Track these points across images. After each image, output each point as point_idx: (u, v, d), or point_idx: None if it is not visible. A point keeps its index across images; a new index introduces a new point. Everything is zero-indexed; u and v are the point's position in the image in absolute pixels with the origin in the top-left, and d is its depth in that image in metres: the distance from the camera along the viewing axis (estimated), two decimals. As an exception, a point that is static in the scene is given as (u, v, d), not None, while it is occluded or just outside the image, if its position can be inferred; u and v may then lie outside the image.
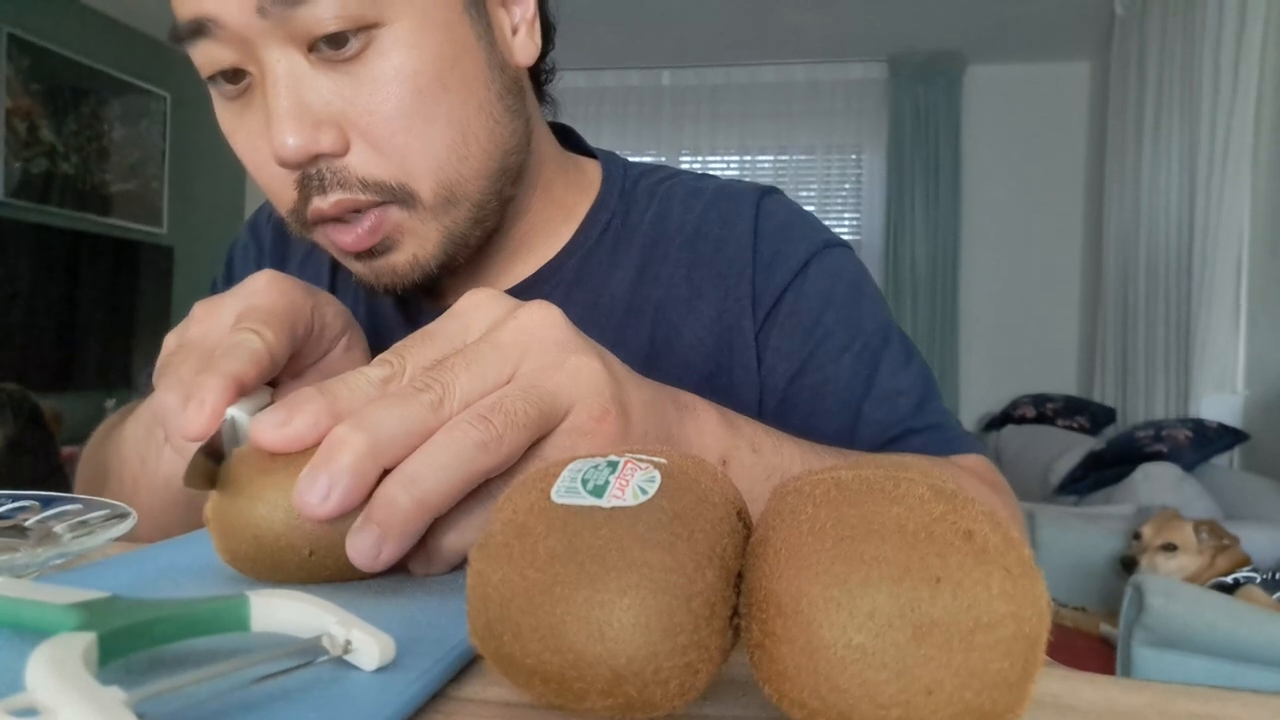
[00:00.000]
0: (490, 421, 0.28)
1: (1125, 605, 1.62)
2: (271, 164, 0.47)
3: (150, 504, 0.47)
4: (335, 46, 0.45)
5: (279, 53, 0.45)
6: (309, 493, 0.27)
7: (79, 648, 0.19)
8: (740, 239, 0.59)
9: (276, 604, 0.23)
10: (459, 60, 0.48)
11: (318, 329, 0.41)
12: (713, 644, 0.21)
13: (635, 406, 0.33)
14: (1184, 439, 2.68)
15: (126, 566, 0.32)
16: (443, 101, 0.48)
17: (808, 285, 0.58)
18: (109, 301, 4.02)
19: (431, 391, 0.29)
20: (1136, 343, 3.49)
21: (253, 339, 0.35)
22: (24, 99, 3.58)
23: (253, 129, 0.48)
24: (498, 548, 0.22)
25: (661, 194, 0.62)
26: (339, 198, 0.47)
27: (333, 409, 0.29)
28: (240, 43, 0.45)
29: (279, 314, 0.37)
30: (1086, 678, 0.25)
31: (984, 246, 4.47)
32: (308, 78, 0.46)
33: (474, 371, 0.30)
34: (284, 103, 0.45)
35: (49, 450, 2.27)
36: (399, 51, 0.46)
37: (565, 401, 0.31)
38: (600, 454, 0.29)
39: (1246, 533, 2.01)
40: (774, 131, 4.63)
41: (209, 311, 0.39)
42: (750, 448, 0.38)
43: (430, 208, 0.49)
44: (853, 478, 0.22)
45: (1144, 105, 3.42)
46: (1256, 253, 2.82)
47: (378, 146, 0.47)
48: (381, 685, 0.21)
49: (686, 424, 0.36)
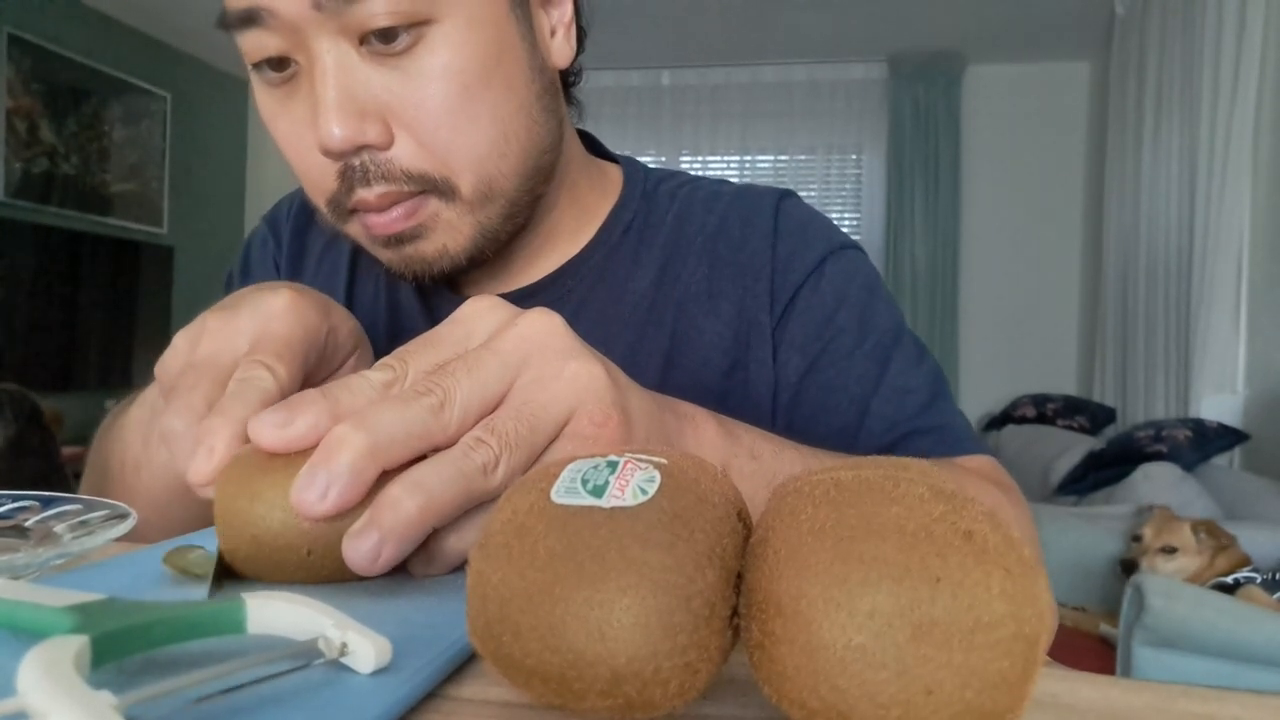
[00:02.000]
0: (487, 444, 0.29)
1: (1125, 605, 1.62)
2: (313, 152, 0.48)
3: (151, 487, 0.47)
4: (386, 41, 0.46)
5: (329, 44, 0.46)
6: (307, 490, 0.27)
7: (71, 651, 0.19)
8: (760, 239, 0.60)
9: (273, 606, 0.23)
10: (503, 60, 0.49)
11: (330, 351, 0.41)
12: (712, 644, 0.21)
13: (637, 413, 0.33)
14: (1184, 439, 2.68)
15: (127, 567, 0.32)
16: (486, 99, 0.49)
17: (823, 283, 0.59)
18: (109, 301, 4.02)
19: (433, 395, 0.29)
20: (1136, 343, 3.49)
21: (265, 379, 0.35)
22: (24, 99, 3.58)
23: (296, 117, 0.49)
24: (497, 548, 0.22)
25: (682, 197, 0.64)
26: (384, 190, 0.48)
27: (334, 411, 0.29)
28: (292, 32, 0.46)
29: (294, 345, 0.37)
30: (1086, 678, 0.25)
31: (984, 246, 4.47)
32: (357, 70, 0.47)
33: (475, 378, 0.30)
34: (332, 93, 0.46)
35: (49, 450, 2.27)
36: (448, 48, 0.47)
37: (565, 409, 0.31)
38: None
39: (1246, 533, 2.01)
40: (774, 131, 4.63)
41: (222, 327, 0.38)
42: (750, 455, 0.38)
43: (468, 201, 0.50)
44: (852, 478, 0.22)
45: (1144, 105, 3.42)
46: (1256, 253, 2.82)
47: (422, 140, 0.48)
48: (376, 688, 0.21)
49: (686, 432, 0.36)
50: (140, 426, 0.49)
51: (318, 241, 0.67)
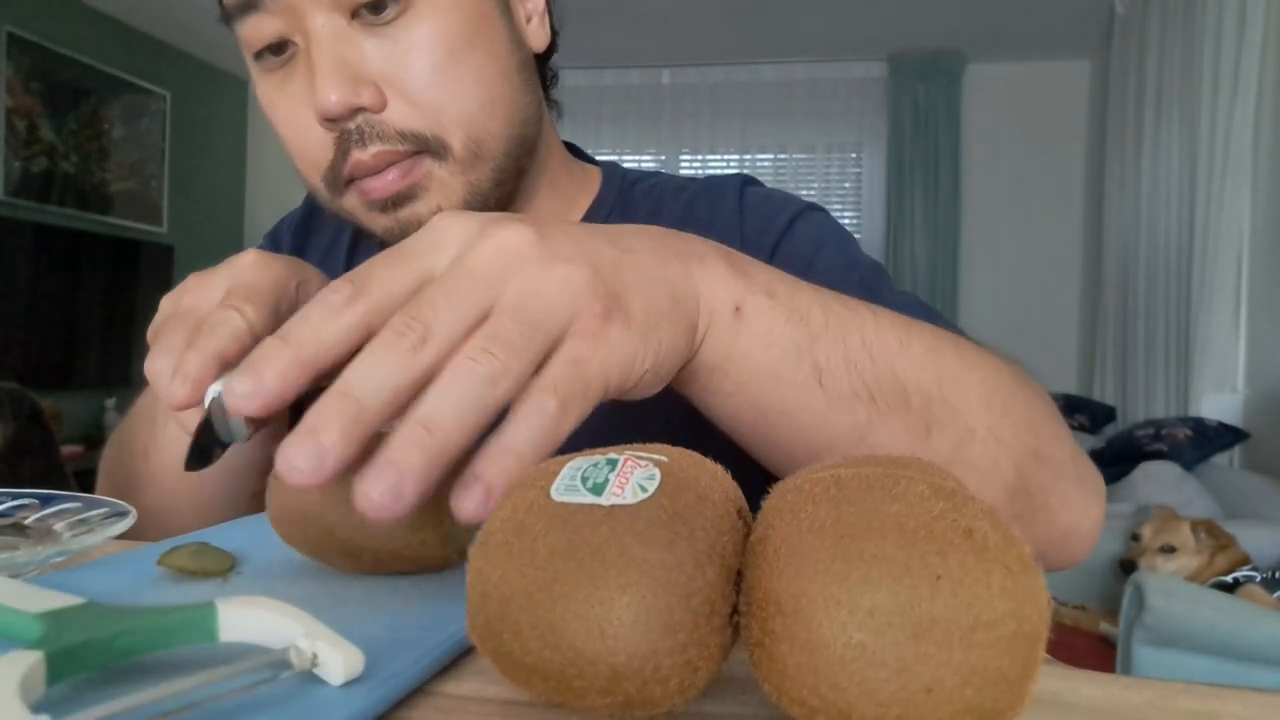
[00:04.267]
0: (492, 354, 0.27)
1: (1125, 604, 1.62)
2: (312, 126, 0.52)
3: (160, 468, 0.50)
4: (375, 12, 0.50)
5: (324, 18, 0.50)
6: (298, 458, 0.25)
7: (20, 671, 0.18)
8: (727, 218, 0.63)
9: (245, 612, 0.23)
10: (484, 27, 0.54)
11: (302, 302, 0.42)
12: (712, 642, 0.21)
13: (633, 292, 0.32)
14: (1184, 438, 2.68)
15: (125, 565, 0.32)
16: (471, 61, 0.53)
17: (796, 238, 0.61)
18: (109, 301, 4.02)
19: (411, 333, 0.27)
20: (1136, 342, 3.49)
21: (235, 317, 0.36)
22: (24, 98, 3.58)
23: (294, 94, 0.52)
24: (497, 546, 0.21)
25: (654, 194, 0.67)
26: (379, 149, 0.51)
27: (299, 358, 0.28)
28: (289, 12, 0.50)
29: (263, 291, 0.39)
30: (1087, 676, 0.25)
31: (984, 245, 4.47)
32: (350, 39, 0.51)
33: (453, 303, 0.28)
34: (327, 60, 0.50)
35: (49, 450, 2.27)
36: (433, 16, 0.51)
37: (564, 313, 0.29)
38: (612, 360, 0.29)
39: (1247, 532, 2.01)
40: (774, 130, 4.62)
41: (200, 284, 0.40)
42: (765, 293, 0.36)
43: (460, 159, 0.53)
44: (852, 475, 0.22)
45: (1144, 105, 3.42)
46: (1256, 252, 2.82)
47: (413, 101, 0.51)
48: (344, 698, 0.21)
49: (694, 277, 0.35)
50: (146, 413, 0.52)
51: (316, 251, 0.71)
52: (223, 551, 0.33)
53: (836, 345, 0.37)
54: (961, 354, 0.41)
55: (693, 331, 0.34)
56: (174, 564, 0.31)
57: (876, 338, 0.38)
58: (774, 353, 0.36)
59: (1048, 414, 0.44)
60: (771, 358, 0.36)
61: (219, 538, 0.37)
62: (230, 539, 0.37)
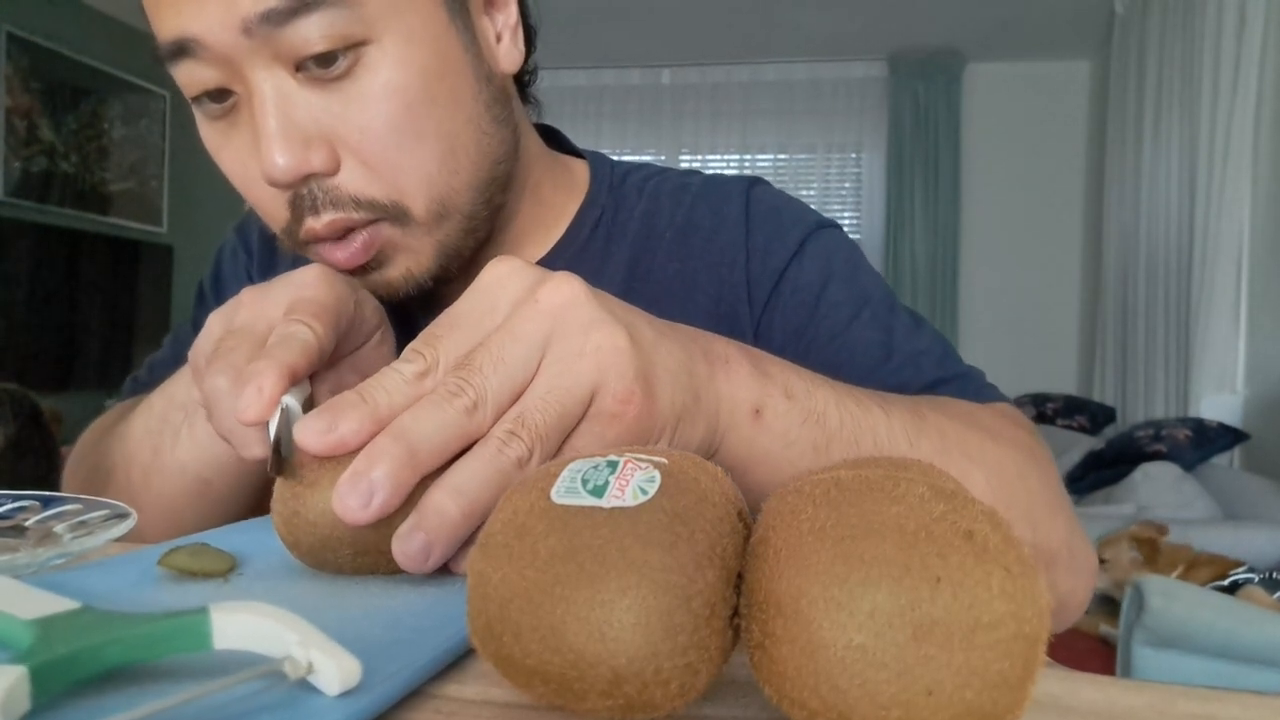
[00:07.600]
0: (519, 438, 0.30)
1: (1125, 605, 1.62)
2: (260, 183, 0.47)
3: (163, 492, 0.48)
4: (324, 65, 0.45)
5: (265, 73, 0.44)
6: (350, 497, 0.29)
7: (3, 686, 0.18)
8: (732, 229, 0.59)
9: (239, 619, 0.22)
10: (446, 74, 0.48)
11: (357, 323, 0.42)
12: (713, 644, 0.21)
13: (661, 379, 0.33)
14: (1184, 438, 2.68)
15: (126, 566, 0.32)
16: (431, 116, 0.47)
17: (805, 264, 0.58)
18: (109, 301, 4.02)
19: (465, 396, 0.30)
20: (1136, 342, 3.49)
21: (305, 332, 0.36)
22: (24, 98, 3.58)
23: (240, 147, 0.48)
24: (498, 548, 0.22)
25: (649, 190, 0.63)
26: (332, 217, 0.47)
27: (374, 414, 0.30)
28: (225, 63, 0.44)
29: (328, 308, 0.39)
30: (1087, 678, 0.25)
31: (984, 245, 4.47)
32: (296, 96, 0.45)
33: (502, 372, 0.31)
34: (273, 123, 0.44)
35: (49, 450, 2.26)
36: (387, 68, 0.46)
37: (589, 387, 0.31)
38: (627, 439, 0.31)
39: (1246, 533, 2.01)
40: (774, 130, 4.63)
41: (258, 299, 0.40)
42: (784, 394, 0.38)
43: (423, 223, 0.49)
44: (852, 478, 0.22)
45: (1144, 104, 3.42)
46: (1256, 253, 2.82)
47: (369, 164, 0.47)
48: (340, 702, 0.21)
49: (717, 379, 0.36)
50: (150, 437, 0.50)
51: (287, 255, 0.67)
52: (223, 552, 0.33)
53: (849, 447, 0.39)
54: (968, 452, 0.42)
55: (713, 433, 0.36)
56: (174, 564, 0.31)
57: (888, 439, 0.40)
58: (792, 452, 0.38)
59: (1047, 500, 0.46)
60: (790, 456, 0.38)
61: (220, 539, 0.37)
62: (231, 540, 0.37)
